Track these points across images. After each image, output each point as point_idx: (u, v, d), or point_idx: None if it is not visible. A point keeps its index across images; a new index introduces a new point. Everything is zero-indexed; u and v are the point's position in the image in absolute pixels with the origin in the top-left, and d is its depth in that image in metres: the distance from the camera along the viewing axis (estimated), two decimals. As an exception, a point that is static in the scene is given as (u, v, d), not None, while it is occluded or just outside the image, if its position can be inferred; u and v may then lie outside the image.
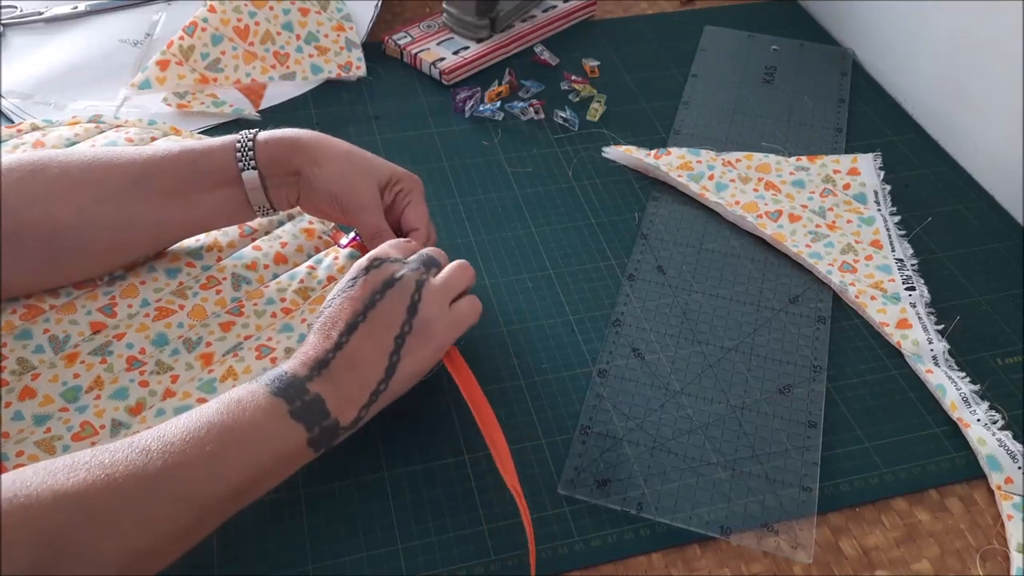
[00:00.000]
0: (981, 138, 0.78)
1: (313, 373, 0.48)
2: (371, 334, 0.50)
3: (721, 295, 0.66)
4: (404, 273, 0.52)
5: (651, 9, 0.99)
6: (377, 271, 0.52)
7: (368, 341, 0.50)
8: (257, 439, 0.45)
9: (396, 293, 0.51)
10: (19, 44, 0.84)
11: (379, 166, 0.61)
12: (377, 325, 0.50)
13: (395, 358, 0.50)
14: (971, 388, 0.60)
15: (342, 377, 0.49)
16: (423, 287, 0.52)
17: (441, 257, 0.56)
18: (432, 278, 0.53)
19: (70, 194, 0.54)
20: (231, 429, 0.44)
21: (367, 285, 0.51)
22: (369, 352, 0.50)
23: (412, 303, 0.51)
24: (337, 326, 0.50)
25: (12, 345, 0.55)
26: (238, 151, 0.58)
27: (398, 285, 0.51)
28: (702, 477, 0.55)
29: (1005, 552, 0.53)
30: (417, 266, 0.53)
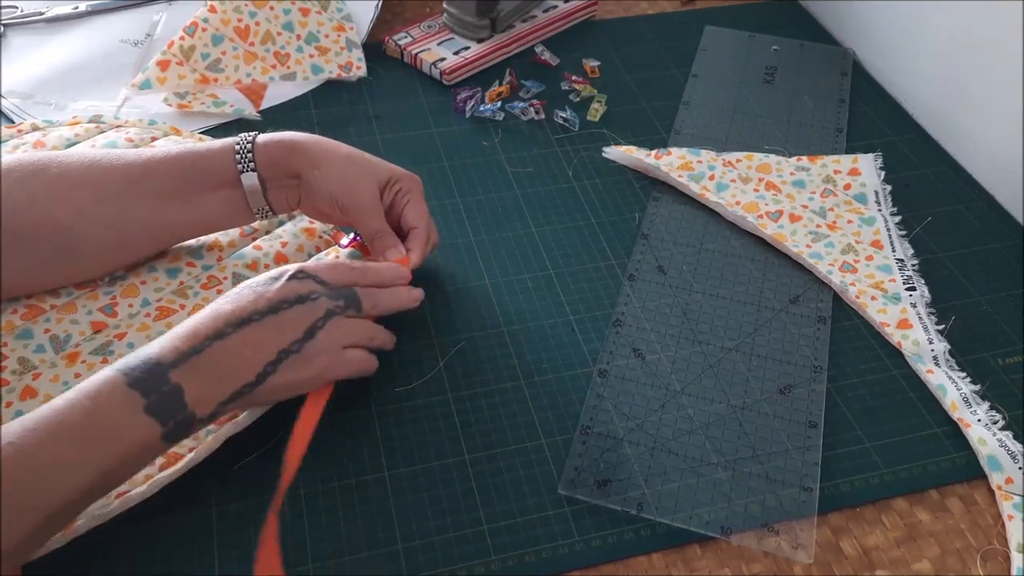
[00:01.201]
0: (981, 138, 0.78)
1: (180, 360, 0.46)
2: (258, 337, 0.49)
3: (721, 295, 0.66)
4: (320, 298, 0.51)
5: (651, 9, 0.99)
6: (299, 283, 0.51)
7: (252, 342, 0.49)
8: (109, 438, 0.44)
9: (304, 311, 0.50)
10: (20, 44, 0.84)
11: (379, 167, 0.61)
12: (269, 331, 0.49)
13: (271, 369, 0.49)
14: (971, 388, 0.60)
15: (209, 368, 0.47)
16: (330, 319, 0.51)
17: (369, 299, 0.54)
18: (343, 316, 0.52)
19: (70, 194, 0.54)
20: (83, 429, 0.43)
21: (283, 291, 0.50)
22: (248, 353, 0.49)
23: (312, 327, 0.50)
24: (227, 316, 0.49)
25: (13, 345, 0.55)
26: (237, 153, 0.58)
27: (308, 305, 0.51)
28: (702, 477, 0.55)
29: (1005, 552, 0.53)
30: (338, 299, 0.52)
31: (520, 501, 0.53)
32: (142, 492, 0.50)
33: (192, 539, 0.50)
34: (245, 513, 0.52)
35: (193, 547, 0.50)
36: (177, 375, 0.46)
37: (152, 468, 0.50)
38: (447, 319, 0.63)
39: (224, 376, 0.48)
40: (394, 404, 0.58)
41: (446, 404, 0.58)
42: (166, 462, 0.51)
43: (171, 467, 0.51)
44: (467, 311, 0.64)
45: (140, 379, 0.45)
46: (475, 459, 0.55)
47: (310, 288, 0.51)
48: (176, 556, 0.50)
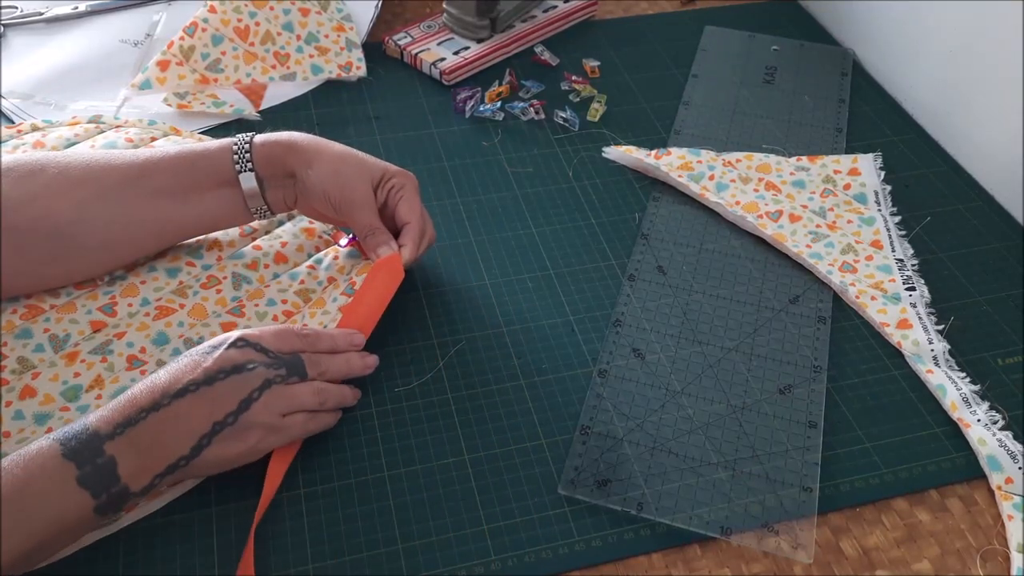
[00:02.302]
0: (981, 138, 0.78)
1: (116, 432, 0.46)
2: (193, 409, 0.48)
3: (721, 295, 0.66)
4: (257, 368, 0.50)
5: (651, 9, 0.99)
6: (237, 351, 0.50)
7: (187, 414, 0.48)
8: (41, 507, 0.43)
9: (238, 382, 0.49)
10: (19, 44, 0.84)
11: (371, 165, 0.61)
12: (204, 403, 0.48)
13: (205, 442, 0.48)
14: (971, 388, 0.60)
15: (144, 441, 0.46)
16: (266, 390, 0.50)
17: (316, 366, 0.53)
18: (283, 384, 0.51)
19: (69, 193, 0.54)
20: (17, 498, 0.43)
21: (219, 361, 0.49)
22: (183, 425, 0.47)
23: (247, 399, 0.49)
24: (165, 386, 0.48)
25: (12, 344, 0.55)
26: (235, 153, 0.58)
27: (244, 375, 0.49)
28: (702, 477, 0.55)
29: (1005, 552, 0.53)
30: (280, 367, 0.51)
31: (520, 501, 0.53)
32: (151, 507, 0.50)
33: (192, 539, 0.50)
34: (245, 513, 0.52)
35: (193, 547, 0.50)
36: (112, 447, 0.45)
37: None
38: (447, 319, 0.63)
39: (159, 449, 0.47)
40: (394, 404, 0.58)
41: (446, 404, 0.58)
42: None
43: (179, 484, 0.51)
44: (467, 311, 0.64)
45: (75, 449, 0.45)
46: (475, 459, 0.55)
47: (247, 357, 0.50)
48: (176, 556, 0.50)
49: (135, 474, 0.46)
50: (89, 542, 0.49)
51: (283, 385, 0.51)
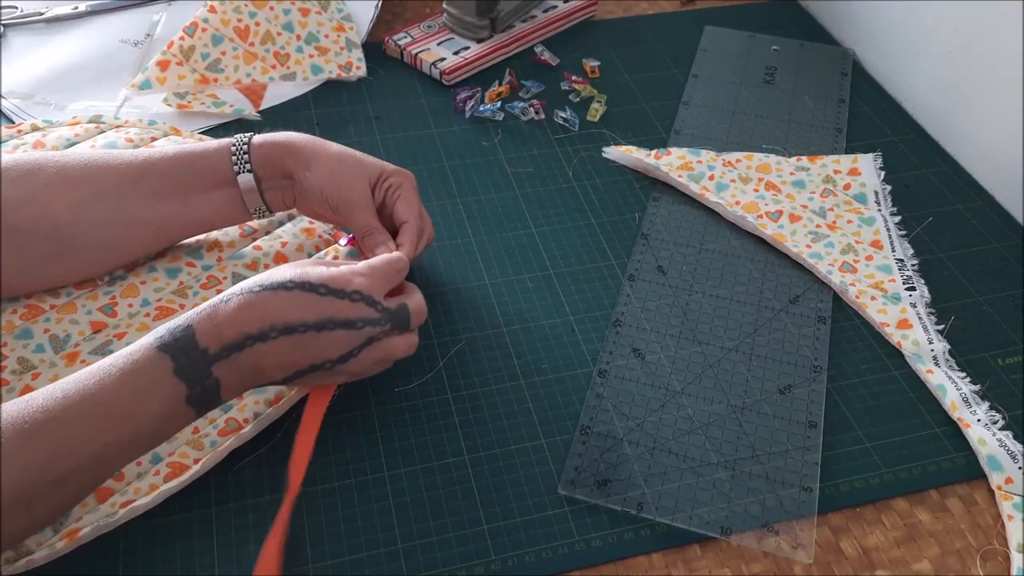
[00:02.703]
0: (981, 138, 0.78)
1: (223, 354, 0.46)
2: (297, 349, 0.48)
3: (721, 295, 0.66)
4: (365, 327, 0.50)
5: (651, 9, 0.99)
6: (350, 304, 0.50)
7: (289, 351, 0.48)
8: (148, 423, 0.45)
9: (344, 337, 0.49)
10: (19, 44, 0.84)
11: (369, 164, 0.60)
12: (307, 346, 0.49)
13: (298, 376, 0.49)
14: (971, 388, 0.60)
15: (245, 365, 0.47)
16: (368, 346, 0.51)
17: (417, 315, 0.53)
18: (385, 339, 0.51)
19: (68, 192, 0.54)
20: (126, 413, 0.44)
21: (333, 308, 0.49)
22: (284, 359, 0.48)
23: (348, 353, 0.50)
24: (274, 316, 0.48)
25: (12, 344, 0.55)
26: (234, 155, 0.58)
27: (352, 332, 0.50)
28: (702, 477, 0.55)
29: (1005, 552, 0.53)
30: (385, 323, 0.51)
31: (520, 501, 0.53)
32: (147, 503, 0.50)
33: (192, 539, 0.50)
34: (245, 513, 0.52)
35: (193, 547, 0.50)
36: (218, 368, 0.47)
37: (157, 478, 0.51)
38: (447, 319, 0.63)
39: (256, 374, 0.49)
40: (394, 404, 0.58)
41: (446, 404, 0.58)
42: (171, 473, 0.51)
43: (176, 479, 0.51)
44: (467, 311, 0.64)
45: (186, 368, 0.46)
46: (475, 459, 0.55)
47: (359, 314, 0.50)
48: (176, 556, 0.50)
49: (231, 391, 0.48)
50: (89, 539, 0.49)
51: (384, 340, 0.52)
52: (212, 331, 0.47)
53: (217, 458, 0.52)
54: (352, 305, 0.50)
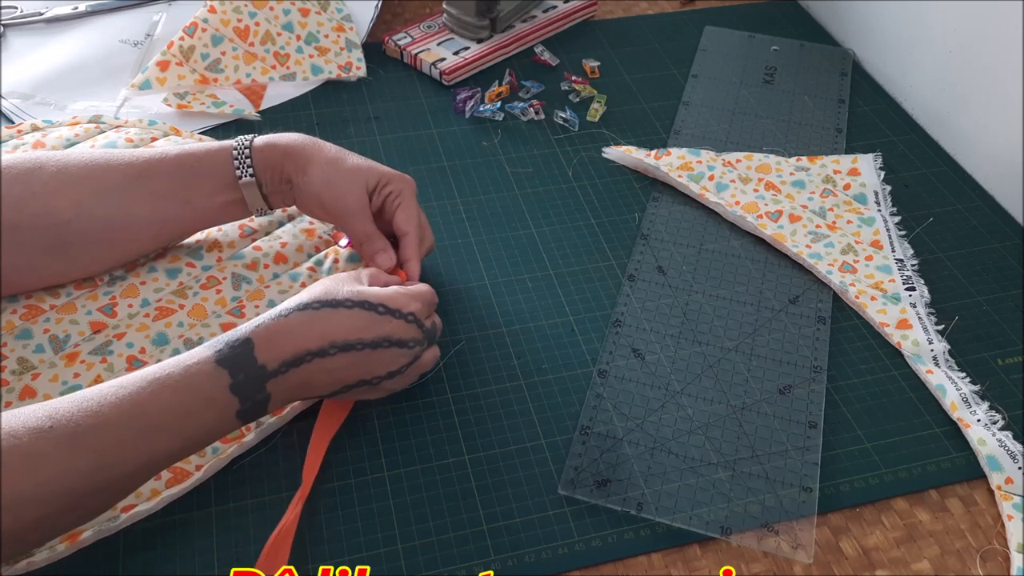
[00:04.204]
0: (981, 138, 0.78)
1: (280, 370, 0.47)
2: (352, 365, 0.50)
3: (721, 295, 0.66)
4: (415, 347, 0.52)
5: (651, 9, 0.99)
6: (405, 325, 0.52)
7: (344, 368, 0.50)
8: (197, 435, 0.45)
9: (395, 355, 0.51)
10: (19, 44, 0.84)
11: (366, 170, 0.60)
12: (362, 362, 0.50)
13: (342, 392, 0.51)
14: (971, 388, 0.60)
15: (298, 380, 0.48)
16: (411, 365, 0.53)
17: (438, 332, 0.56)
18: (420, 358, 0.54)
19: (68, 191, 0.54)
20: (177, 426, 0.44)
21: (389, 327, 0.51)
22: (336, 376, 0.50)
23: (396, 371, 0.52)
24: (335, 334, 0.49)
25: (12, 345, 0.55)
26: (235, 158, 0.58)
27: (404, 351, 0.52)
28: (702, 477, 0.55)
29: (1005, 552, 0.53)
30: (424, 342, 0.53)
31: (520, 501, 0.53)
32: (149, 508, 0.50)
33: (192, 539, 0.50)
34: (245, 513, 0.52)
35: (193, 547, 0.50)
36: (272, 384, 0.47)
37: (159, 483, 0.51)
38: (447, 319, 0.63)
39: (304, 389, 0.49)
40: (394, 404, 0.58)
41: (446, 404, 0.58)
42: (173, 478, 0.51)
43: (179, 484, 0.51)
44: (467, 311, 0.64)
45: (242, 384, 0.46)
46: (475, 459, 0.55)
47: (411, 335, 0.52)
48: (176, 556, 0.50)
49: (277, 405, 0.49)
50: (89, 542, 0.49)
51: (420, 359, 0.54)
52: (271, 347, 0.47)
53: (219, 465, 0.52)
54: (407, 326, 0.52)
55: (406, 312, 0.52)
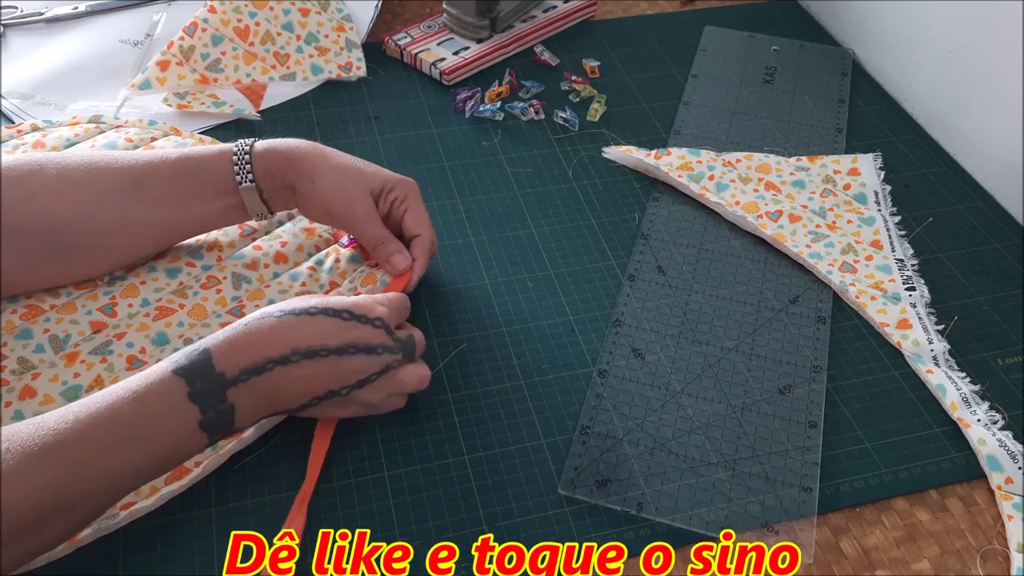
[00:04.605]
0: (981, 138, 0.78)
1: (241, 378, 0.46)
2: (318, 374, 0.49)
3: (721, 295, 0.66)
4: (384, 354, 0.51)
5: (651, 9, 0.99)
6: (372, 330, 0.50)
7: (310, 377, 0.49)
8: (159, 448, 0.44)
9: (363, 362, 0.50)
10: (19, 44, 0.84)
11: (371, 175, 0.60)
12: (327, 371, 0.49)
13: (315, 403, 0.50)
14: (971, 388, 0.60)
15: (262, 390, 0.47)
16: (384, 375, 0.51)
17: (420, 346, 0.55)
18: (399, 368, 0.52)
19: (69, 192, 0.54)
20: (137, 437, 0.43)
21: (355, 332, 0.50)
22: (302, 386, 0.49)
23: (366, 379, 0.51)
24: (298, 341, 0.48)
25: (12, 345, 0.55)
26: (236, 164, 0.58)
27: (371, 357, 0.50)
28: (702, 477, 0.55)
29: (1005, 552, 0.53)
30: (398, 352, 0.52)
31: (520, 501, 0.53)
32: (148, 505, 0.50)
33: (192, 539, 0.50)
34: (245, 513, 0.52)
35: (193, 547, 0.50)
36: (234, 393, 0.46)
37: (158, 481, 0.51)
38: (447, 319, 0.63)
39: (272, 401, 0.48)
40: (394, 404, 0.58)
41: (446, 404, 0.58)
42: (172, 475, 0.51)
43: (177, 481, 0.51)
44: (467, 311, 0.64)
45: (201, 392, 0.45)
46: (475, 459, 0.55)
47: (380, 340, 0.51)
48: (176, 556, 0.50)
49: (246, 418, 0.48)
50: (89, 542, 0.49)
51: (396, 369, 0.52)
52: (230, 355, 0.46)
53: (218, 461, 0.52)
54: (374, 331, 0.51)
55: (372, 317, 0.51)
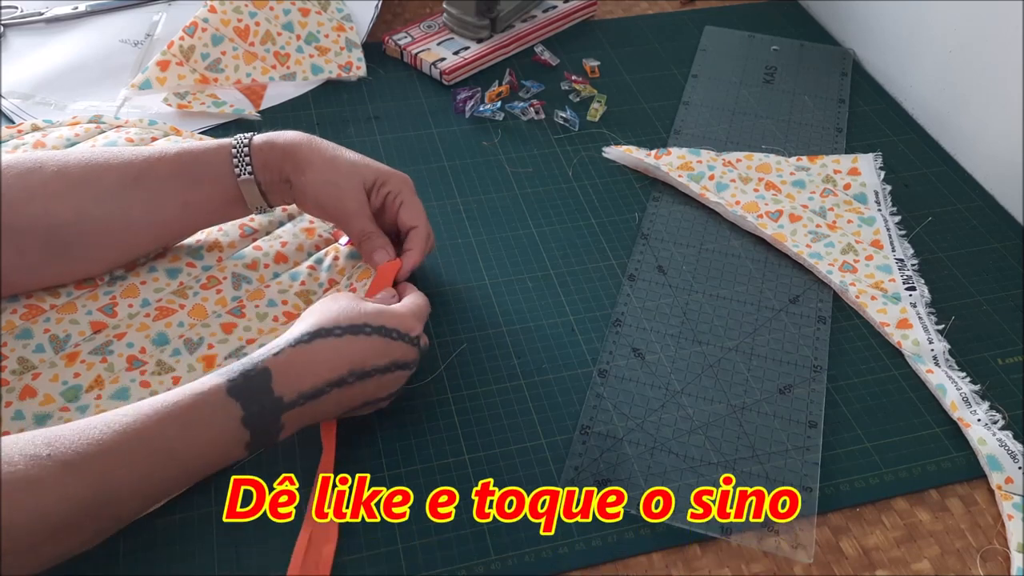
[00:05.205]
0: (981, 138, 0.78)
1: (298, 402, 0.46)
2: (363, 391, 0.50)
3: (721, 295, 0.66)
4: (413, 369, 0.53)
5: (651, 9, 0.99)
6: (408, 347, 0.51)
7: (356, 394, 0.49)
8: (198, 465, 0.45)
9: (398, 377, 0.52)
10: (19, 44, 0.84)
11: (363, 169, 0.60)
12: (371, 387, 0.50)
13: (346, 414, 0.51)
14: (971, 388, 0.60)
15: (313, 410, 0.48)
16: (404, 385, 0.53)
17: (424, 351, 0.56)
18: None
19: (68, 192, 0.54)
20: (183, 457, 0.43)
21: (399, 351, 0.51)
22: (346, 401, 0.50)
23: (395, 392, 0.53)
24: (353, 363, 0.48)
25: (13, 345, 0.55)
26: (235, 157, 0.58)
27: (403, 374, 0.52)
28: (702, 477, 0.55)
29: (1005, 552, 0.53)
30: (418, 357, 0.53)
31: (520, 501, 0.53)
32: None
33: (192, 539, 0.50)
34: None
35: (193, 547, 0.50)
36: (288, 416, 0.46)
37: None
38: (447, 319, 0.63)
39: (316, 415, 0.49)
40: (394, 404, 0.58)
41: (446, 404, 0.58)
42: None
43: None
44: (467, 311, 0.64)
45: (256, 416, 0.45)
46: (475, 459, 0.55)
47: (414, 357, 0.52)
48: (176, 556, 0.50)
49: (287, 435, 0.48)
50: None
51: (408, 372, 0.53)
52: (291, 378, 0.46)
53: None
54: (410, 348, 0.52)
55: (414, 336, 0.52)
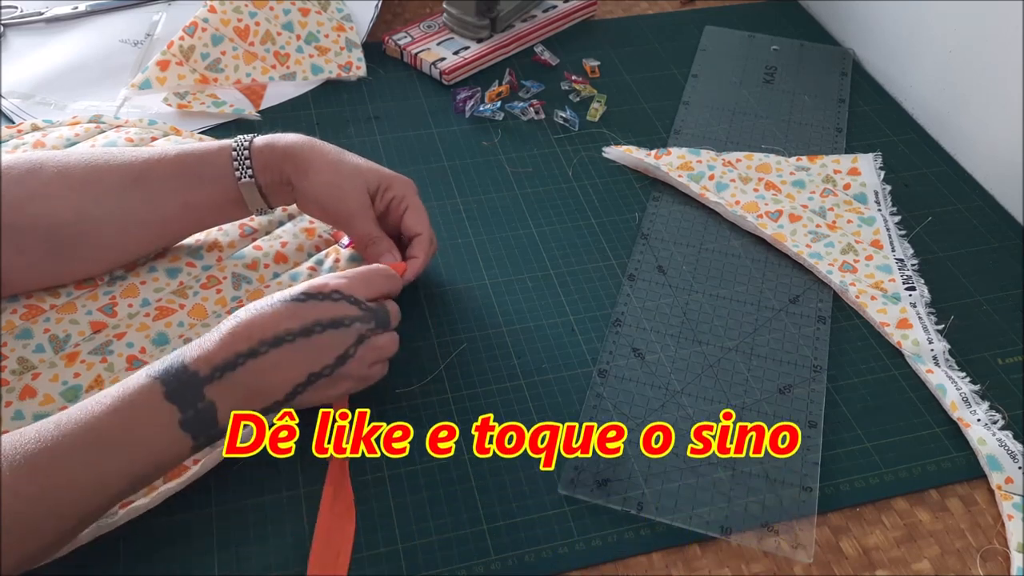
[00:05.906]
0: (981, 138, 0.78)
1: (215, 375, 0.46)
2: (291, 359, 0.48)
3: (721, 295, 0.66)
4: (354, 324, 0.50)
5: (651, 9, 0.99)
6: (332, 304, 0.50)
7: (284, 363, 0.48)
8: (144, 451, 0.45)
9: (335, 337, 0.49)
10: (19, 44, 0.84)
11: (367, 172, 0.60)
12: (301, 354, 0.49)
13: (300, 390, 0.49)
14: (971, 388, 0.60)
15: (241, 386, 0.47)
16: (360, 344, 0.51)
17: (395, 318, 0.54)
18: (374, 337, 0.52)
19: (69, 192, 0.54)
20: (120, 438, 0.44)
21: (316, 311, 0.49)
22: (280, 374, 0.48)
23: (344, 354, 0.50)
24: (261, 332, 0.48)
25: (12, 344, 0.55)
26: (235, 160, 0.58)
27: (342, 331, 0.50)
28: (702, 477, 0.55)
29: (1005, 552, 0.53)
30: (370, 320, 0.51)
31: (520, 501, 0.53)
32: (147, 503, 0.50)
33: (192, 539, 0.50)
34: (245, 513, 0.52)
35: (193, 547, 0.50)
36: (211, 391, 0.46)
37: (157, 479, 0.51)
38: (447, 319, 0.63)
39: (255, 395, 0.48)
40: (394, 404, 0.58)
41: (446, 404, 0.58)
42: (171, 474, 0.51)
43: (176, 479, 0.51)
44: (467, 311, 0.64)
45: (177, 391, 0.45)
46: (475, 459, 0.55)
47: (344, 312, 0.50)
48: (176, 556, 0.50)
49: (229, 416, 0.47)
50: (88, 540, 0.49)
51: (373, 338, 0.52)
52: (201, 356, 0.47)
53: (217, 459, 0.52)
54: (334, 304, 0.50)
55: (328, 292, 0.50)
